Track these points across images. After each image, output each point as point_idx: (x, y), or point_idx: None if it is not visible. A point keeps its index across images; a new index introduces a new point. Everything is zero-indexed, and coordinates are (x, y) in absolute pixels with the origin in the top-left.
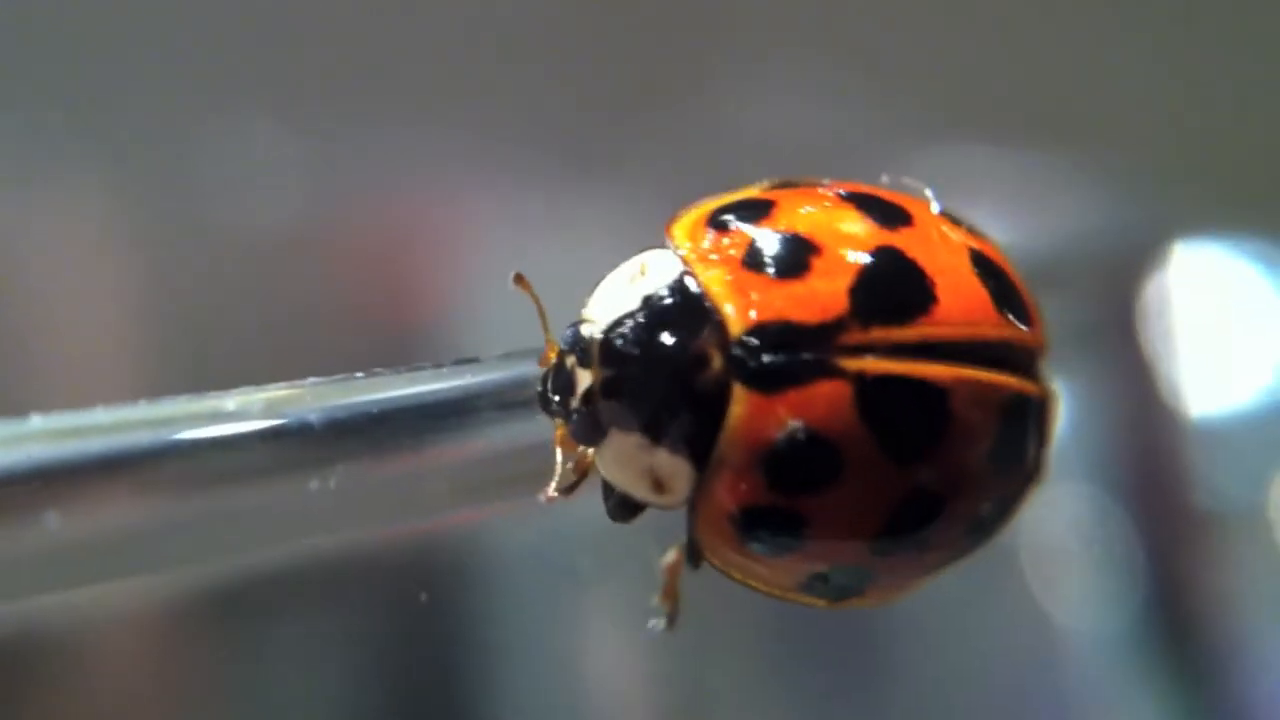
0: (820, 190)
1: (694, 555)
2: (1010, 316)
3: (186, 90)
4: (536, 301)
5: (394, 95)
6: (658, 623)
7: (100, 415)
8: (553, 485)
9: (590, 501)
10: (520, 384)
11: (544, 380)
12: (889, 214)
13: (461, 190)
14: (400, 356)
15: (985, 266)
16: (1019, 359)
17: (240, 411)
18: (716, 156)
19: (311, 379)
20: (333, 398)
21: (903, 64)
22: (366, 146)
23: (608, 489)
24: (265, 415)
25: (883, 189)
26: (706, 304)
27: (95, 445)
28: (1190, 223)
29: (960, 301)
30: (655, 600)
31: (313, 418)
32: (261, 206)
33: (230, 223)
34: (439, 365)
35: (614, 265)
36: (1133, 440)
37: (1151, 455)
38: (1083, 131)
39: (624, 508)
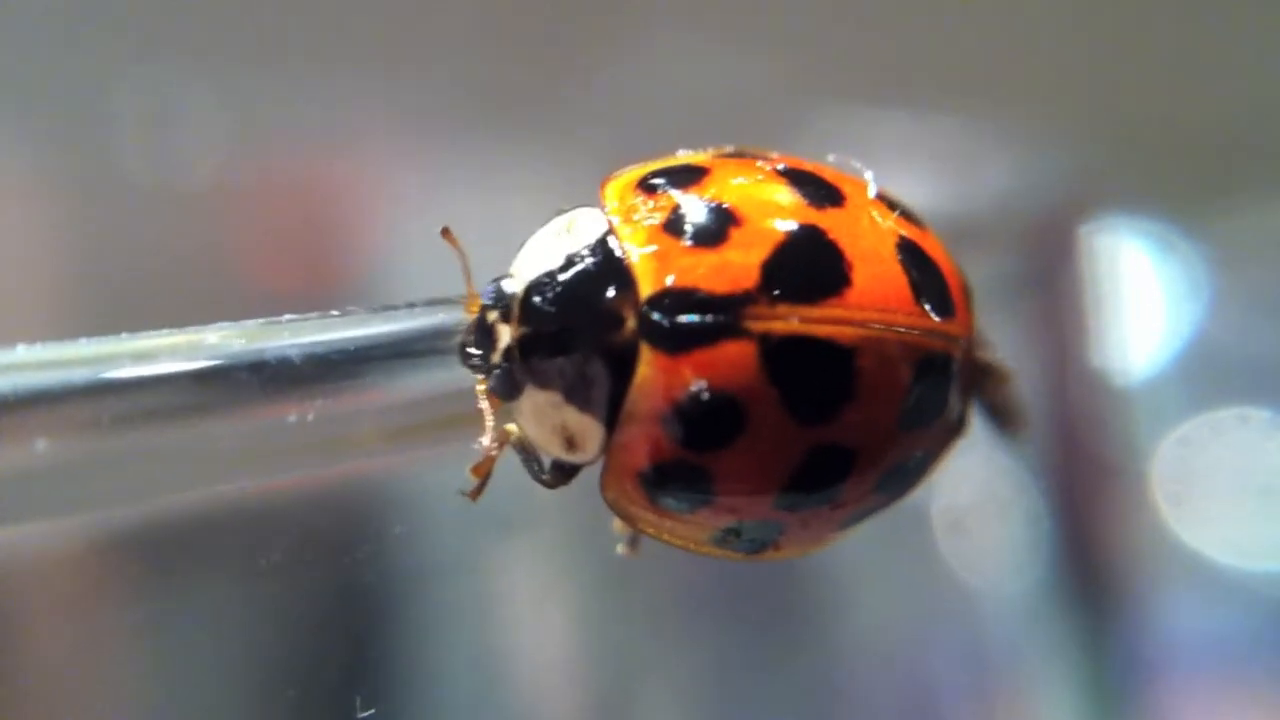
0: (759, 163)
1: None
2: (928, 307)
3: (106, 39)
4: (461, 255)
5: (317, 46)
6: (621, 547)
7: (24, 353)
8: (485, 437)
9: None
10: (446, 331)
11: (465, 335)
12: (820, 193)
13: (382, 142)
14: (318, 304)
15: (912, 255)
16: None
17: (161, 351)
18: (636, 114)
19: (241, 322)
20: (260, 340)
21: (829, 29)
22: (287, 95)
23: (527, 459)
24: (190, 357)
25: (823, 167)
26: (623, 266)
27: (17, 381)
28: (1105, 187)
29: (876, 287)
30: (614, 528)
31: (240, 360)
32: (181, 155)
33: (150, 171)
34: (366, 310)
35: (531, 217)
36: (1045, 399)
37: (1064, 413)
38: (1000, 97)
39: (558, 472)
